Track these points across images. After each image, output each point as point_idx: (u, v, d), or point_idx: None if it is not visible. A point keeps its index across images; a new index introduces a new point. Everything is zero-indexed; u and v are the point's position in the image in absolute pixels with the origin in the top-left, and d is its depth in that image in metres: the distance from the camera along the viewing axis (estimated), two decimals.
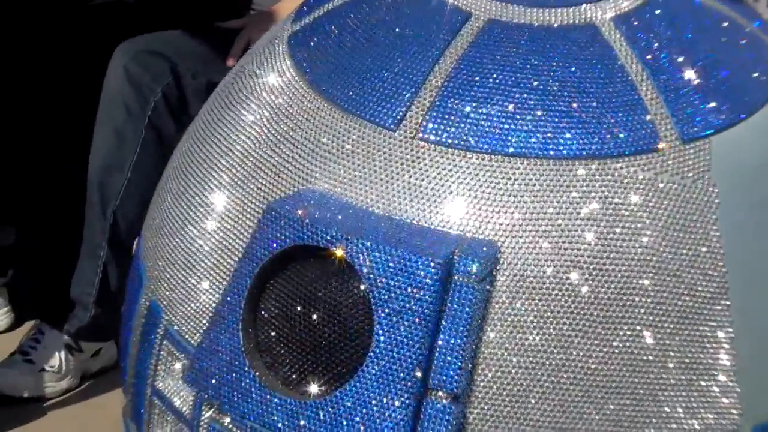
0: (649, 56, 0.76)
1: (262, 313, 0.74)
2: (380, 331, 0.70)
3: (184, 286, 0.80)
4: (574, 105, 0.74)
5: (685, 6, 0.81)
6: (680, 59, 0.78)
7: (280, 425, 0.72)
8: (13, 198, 2.54)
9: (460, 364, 0.70)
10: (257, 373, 0.73)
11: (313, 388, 0.72)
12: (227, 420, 0.77)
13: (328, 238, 0.71)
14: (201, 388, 0.75)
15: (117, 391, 1.89)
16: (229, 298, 0.74)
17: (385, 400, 0.70)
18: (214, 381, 0.74)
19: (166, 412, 0.82)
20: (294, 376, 0.73)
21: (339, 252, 0.71)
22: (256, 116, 0.80)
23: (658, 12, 0.80)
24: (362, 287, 0.71)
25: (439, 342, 0.70)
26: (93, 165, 2.34)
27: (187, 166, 0.84)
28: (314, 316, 0.72)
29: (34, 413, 2.49)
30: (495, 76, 0.75)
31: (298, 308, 0.72)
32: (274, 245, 0.73)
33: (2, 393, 2.48)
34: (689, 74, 0.78)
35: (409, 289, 0.70)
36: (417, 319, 0.70)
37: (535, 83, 0.75)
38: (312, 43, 0.81)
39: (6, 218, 2.62)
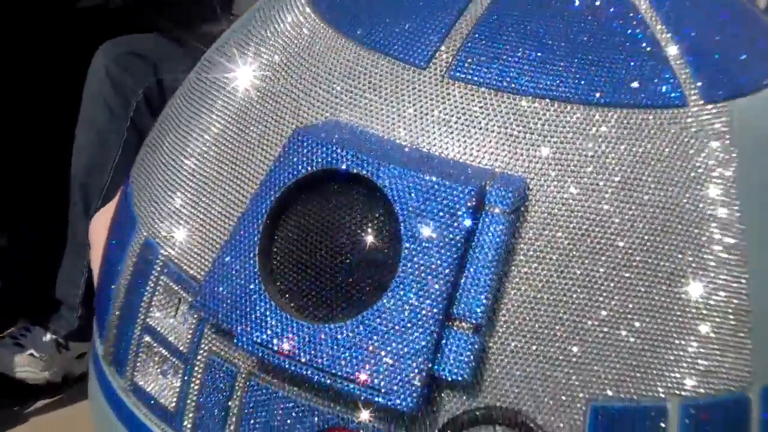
0: (672, 20, 0.75)
1: (279, 239, 0.70)
2: (407, 258, 0.66)
3: (190, 219, 0.76)
4: (604, 56, 0.72)
5: None
6: (701, 27, 0.77)
7: (297, 350, 0.68)
8: None
9: (485, 295, 0.67)
10: (272, 298, 0.68)
11: (332, 314, 0.68)
12: (230, 350, 0.73)
13: (358, 161, 0.68)
14: (210, 313, 0.70)
15: None
16: (245, 224, 0.70)
17: (408, 325, 0.66)
18: (225, 305, 0.70)
19: (158, 348, 0.77)
20: (310, 303, 0.69)
21: (368, 177, 0.68)
22: (276, 57, 0.77)
23: None
24: (389, 214, 0.67)
25: (466, 272, 0.67)
26: (76, 165, 2.32)
27: (194, 101, 0.81)
28: (337, 242, 0.68)
29: (17, 418, 2.47)
30: (525, 24, 0.73)
31: (320, 235, 0.69)
32: (300, 169, 0.69)
33: None
34: (710, 41, 0.77)
35: (440, 215, 0.66)
36: (446, 247, 0.66)
37: (567, 32, 0.73)
38: None
39: None
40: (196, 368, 0.74)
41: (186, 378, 0.74)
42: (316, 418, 0.70)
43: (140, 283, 0.78)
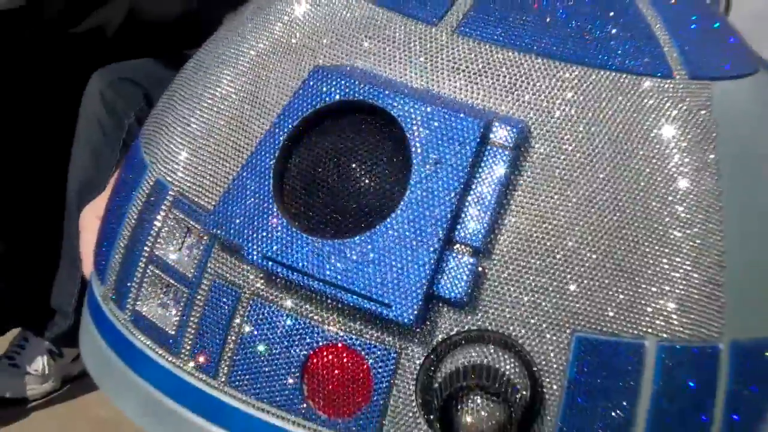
0: (659, 6, 0.77)
1: (294, 164, 0.71)
2: (416, 181, 0.67)
3: (204, 155, 0.76)
4: (600, 26, 0.74)
5: None
6: (683, 16, 0.79)
7: (305, 263, 0.68)
8: None
9: (486, 222, 0.68)
10: (284, 216, 0.69)
11: (340, 232, 0.68)
12: (238, 271, 0.72)
13: (374, 93, 0.69)
14: (222, 229, 0.70)
15: (97, 392, 1.84)
16: (262, 148, 0.71)
17: (414, 244, 0.67)
18: (238, 221, 0.70)
19: (163, 277, 0.76)
20: (320, 223, 0.69)
21: (383, 107, 0.69)
22: (295, 13, 0.78)
23: None
24: (401, 142, 0.68)
25: (469, 199, 0.68)
26: (72, 182, 2.34)
27: (211, 55, 0.81)
28: (348, 167, 0.69)
29: (17, 414, 2.47)
30: None
31: (333, 160, 0.71)
32: (318, 100, 0.70)
33: None
34: (692, 30, 0.79)
35: (450, 143, 0.67)
36: (452, 174, 0.67)
37: (573, 7, 0.75)
38: None
39: None
40: (200, 292, 0.74)
41: (188, 302, 0.74)
42: (315, 333, 0.69)
43: (149, 218, 0.78)
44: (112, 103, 2.23)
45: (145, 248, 0.77)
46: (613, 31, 0.74)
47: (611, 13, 0.75)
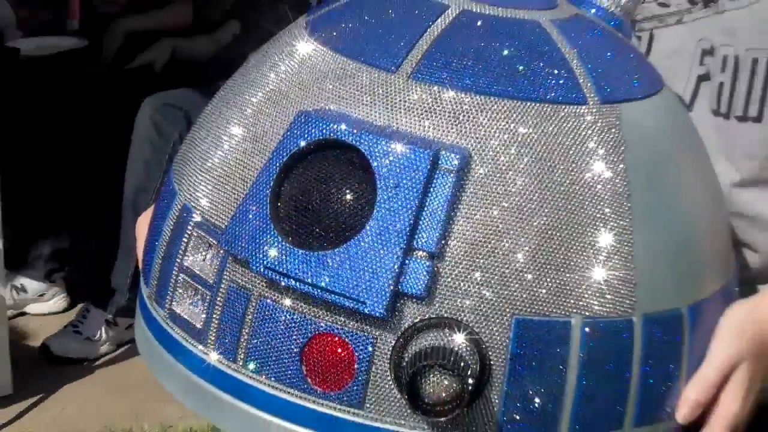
0: (576, 44, 0.80)
1: (285, 192, 0.76)
2: (381, 202, 0.72)
3: (217, 185, 0.80)
4: (527, 65, 0.77)
5: (596, 22, 0.85)
6: (597, 50, 0.81)
7: (297, 271, 0.73)
8: (69, 213, 2.62)
9: (438, 232, 0.72)
10: (279, 234, 0.74)
11: (323, 245, 0.73)
12: (248, 277, 0.76)
13: (345, 133, 0.74)
14: (231, 246, 0.76)
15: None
16: (261, 181, 0.76)
17: (381, 252, 0.72)
18: (243, 240, 0.76)
19: (191, 283, 0.81)
20: (307, 238, 0.74)
21: (353, 144, 0.73)
22: (286, 67, 0.82)
23: (581, 22, 0.84)
24: (368, 171, 0.73)
25: (424, 213, 0.72)
26: (128, 188, 2.42)
27: (222, 102, 0.85)
28: (327, 193, 0.74)
29: (80, 371, 2.52)
30: (469, 42, 0.78)
31: (315, 187, 0.76)
32: (302, 140, 0.75)
33: (56, 354, 2.56)
34: (604, 61, 0.81)
35: (407, 170, 0.72)
36: (410, 194, 0.72)
37: (500, 47, 0.78)
38: (324, 22, 0.84)
39: (63, 227, 2.75)
40: (219, 295, 0.80)
41: (211, 303, 0.79)
42: (309, 326, 0.74)
43: (179, 236, 0.83)
44: (159, 124, 2.32)
45: (177, 260, 0.83)
46: (538, 68, 0.78)
47: (535, 54, 0.79)
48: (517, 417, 0.73)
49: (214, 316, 0.78)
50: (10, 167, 2.39)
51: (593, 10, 0.86)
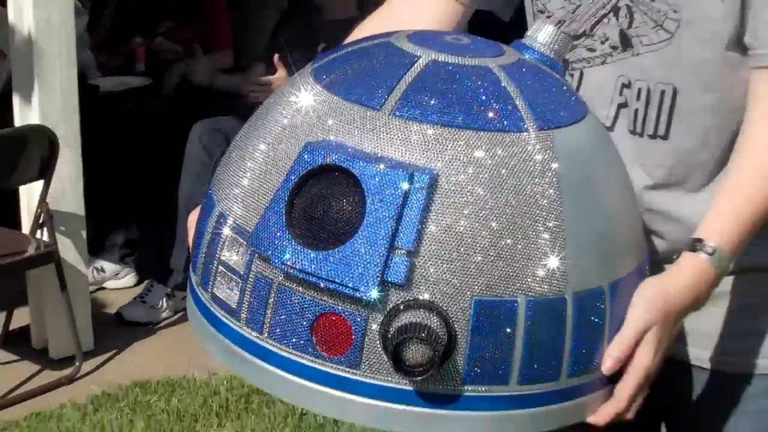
0: (519, 84, 0.79)
1: (296, 205, 0.75)
2: (370, 212, 0.72)
3: (246, 197, 0.80)
4: (481, 103, 0.76)
5: (535, 64, 0.85)
6: (535, 88, 0.81)
7: (307, 266, 0.73)
8: (137, 211, 2.62)
9: (414, 233, 0.72)
10: (292, 238, 0.74)
11: (325, 246, 0.73)
12: (270, 270, 0.76)
13: (341, 159, 0.74)
14: (257, 246, 0.76)
15: None
16: (277, 197, 0.76)
17: (371, 251, 0.72)
18: (265, 242, 0.76)
19: (227, 273, 0.81)
20: (313, 241, 0.74)
21: (347, 168, 0.73)
22: (296, 106, 0.80)
23: (522, 65, 0.83)
24: (359, 188, 0.73)
25: (402, 220, 0.72)
26: (182, 195, 2.42)
27: (250, 133, 0.84)
28: (328, 205, 0.74)
29: (146, 332, 2.51)
30: (437, 86, 0.78)
31: (318, 201, 0.75)
32: (309, 164, 0.75)
33: (127, 319, 2.55)
34: (542, 96, 0.80)
35: (389, 188, 0.72)
36: (391, 206, 0.72)
37: (460, 90, 0.77)
38: (325, 70, 0.83)
39: (133, 222, 2.78)
40: (248, 283, 0.79)
41: (242, 289, 0.79)
42: (317, 307, 0.74)
43: (217, 235, 0.82)
44: (206, 144, 2.33)
45: (216, 254, 0.82)
46: (489, 104, 0.77)
47: (488, 93, 0.78)
48: (478, 372, 0.73)
49: (245, 299, 0.78)
50: (91, 177, 2.40)
51: (533, 55, 0.85)
